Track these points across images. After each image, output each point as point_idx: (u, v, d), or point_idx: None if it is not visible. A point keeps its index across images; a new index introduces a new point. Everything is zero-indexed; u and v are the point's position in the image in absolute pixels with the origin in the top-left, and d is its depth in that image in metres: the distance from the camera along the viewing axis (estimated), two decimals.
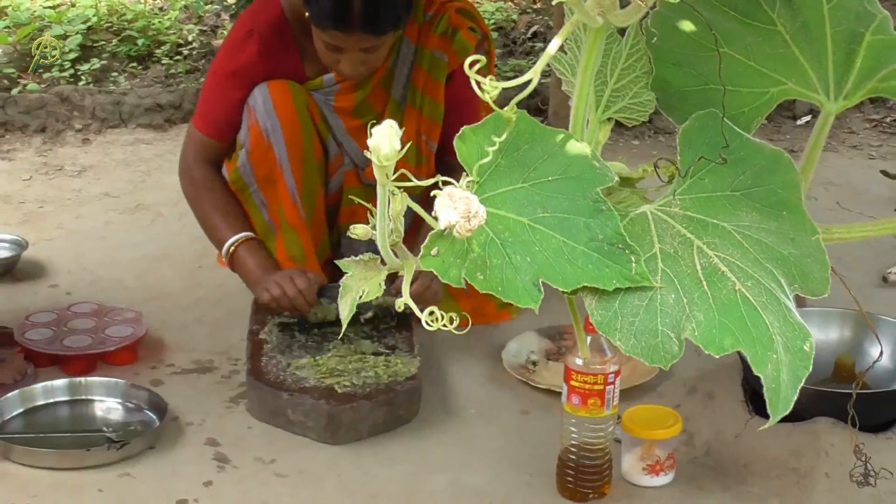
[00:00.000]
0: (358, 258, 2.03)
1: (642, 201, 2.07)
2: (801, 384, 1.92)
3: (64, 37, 5.80)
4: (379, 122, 3.14)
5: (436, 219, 1.80)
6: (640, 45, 2.22)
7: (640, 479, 2.60)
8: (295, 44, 3.18)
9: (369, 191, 3.27)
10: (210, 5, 6.36)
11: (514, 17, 6.61)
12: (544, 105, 5.08)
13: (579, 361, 2.46)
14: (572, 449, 2.53)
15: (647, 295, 1.93)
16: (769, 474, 2.59)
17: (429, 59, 3.22)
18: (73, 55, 5.69)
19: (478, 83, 1.83)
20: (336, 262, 2.09)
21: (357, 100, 3.22)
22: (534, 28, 6.39)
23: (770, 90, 2.23)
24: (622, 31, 2.18)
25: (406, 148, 1.80)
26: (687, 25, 2.20)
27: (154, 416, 2.84)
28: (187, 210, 3.32)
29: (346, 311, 2.00)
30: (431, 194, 1.81)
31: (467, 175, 1.91)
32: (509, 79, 1.94)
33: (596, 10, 1.90)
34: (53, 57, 5.76)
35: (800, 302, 2.07)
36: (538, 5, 6.97)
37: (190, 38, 6.09)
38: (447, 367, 3.17)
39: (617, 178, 1.98)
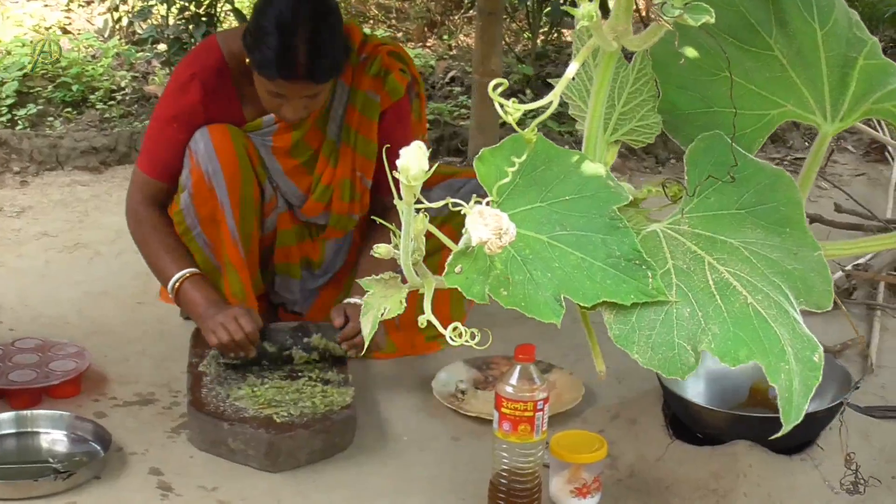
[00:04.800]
0: (378, 277, 2.00)
1: (647, 220, 2.05)
2: (812, 393, 1.91)
3: (0, 84, 5.71)
4: (314, 160, 3.17)
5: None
6: (647, 69, 2.21)
7: (568, 502, 2.59)
8: (234, 87, 3.14)
9: (302, 231, 3.30)
10: (141, 53, 6.30)
11: (433, 62, 6.62)
12: (463, 146, 5.06)
13: (510, 389, 2.44)
14: (503, 473, 2.51)
15: (664, 309, 1.92)
16: (691, 495, 2.59)
17: (362, 99, 3.19)
18: (9, 101, 5.59)
19: (501, 105, 1.85)
20: (357, 280, 2.06)
21: (294, 139, 3.18)
22: (451, 73, 6.38)
23: (770, 112, 2.25)
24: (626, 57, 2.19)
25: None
26: (690, 52, 2.20)
27: (98, 447, 2.79)
28: (126, 248, 3.27)
29: (367, 327, 1.95)
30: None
31: (485, 196, 1.89)
32: (430, 122, 1.94)
33: (611, 34, 1.91)
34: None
35: None
36: (454, 52, 6.99)
37: (122, 84, 6.02)
38: (380, 396, 3.14)
39: (629, 198, 1.97)
